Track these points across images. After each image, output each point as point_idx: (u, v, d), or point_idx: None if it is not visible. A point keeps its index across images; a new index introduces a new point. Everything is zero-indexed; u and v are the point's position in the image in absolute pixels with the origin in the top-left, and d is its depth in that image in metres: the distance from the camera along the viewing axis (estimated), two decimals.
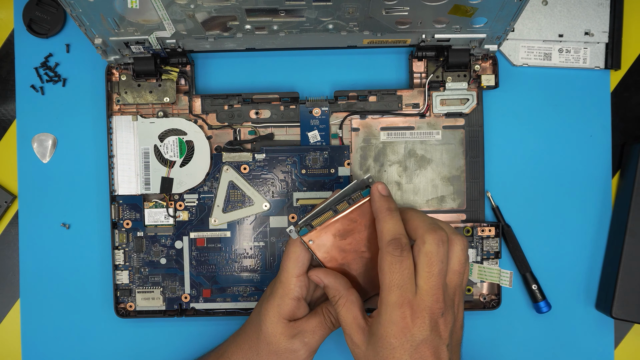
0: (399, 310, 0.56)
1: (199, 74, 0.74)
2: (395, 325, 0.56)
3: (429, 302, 0.56)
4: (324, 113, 0.72)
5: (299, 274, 0.62)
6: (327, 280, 0.61)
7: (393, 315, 0.56)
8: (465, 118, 0.72)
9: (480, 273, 0.67)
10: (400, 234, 0.58)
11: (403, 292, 0.56)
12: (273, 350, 0.63)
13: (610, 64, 0.73)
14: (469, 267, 0.61)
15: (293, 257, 0.62)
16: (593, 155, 0.74)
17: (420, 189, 0.72)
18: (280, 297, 0.62)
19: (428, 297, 0.56)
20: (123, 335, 0.74)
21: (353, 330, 0.59)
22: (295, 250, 0.62)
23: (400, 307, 0.56)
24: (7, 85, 0.74)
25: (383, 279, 0.57)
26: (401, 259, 0.57)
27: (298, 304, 0.63)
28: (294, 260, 0.62)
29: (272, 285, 0.65)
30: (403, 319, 0.56)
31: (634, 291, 0.70)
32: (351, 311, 0.59)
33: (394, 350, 0.56)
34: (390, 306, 0.56)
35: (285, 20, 0.63)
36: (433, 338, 0.56)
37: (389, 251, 0.57)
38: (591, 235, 0.74)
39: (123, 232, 0.72)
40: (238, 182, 0.72)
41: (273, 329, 0.62)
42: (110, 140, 0.72)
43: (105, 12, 0.61)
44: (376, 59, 0.74)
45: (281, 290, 0.62)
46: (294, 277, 0.62)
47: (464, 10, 0.61)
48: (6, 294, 0.75)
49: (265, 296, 0.64)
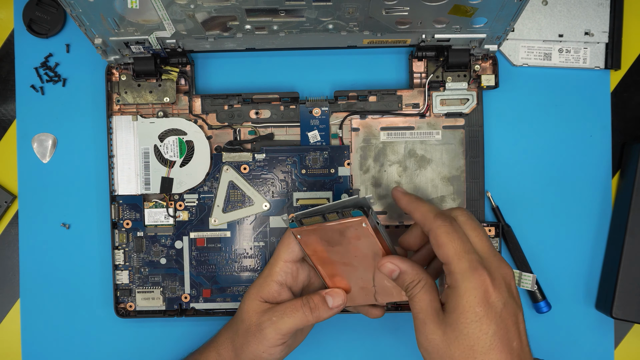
0: (476, 274, 0.53)
1: (199, 74, 0.74)
2: (477, 290, 0.53)
3: (497, 263, 0.55)
4: (324, 113, 0.72)
5: (287, 260, 0.63)
6: (404, 266, 0.58)
7: (472, 281, 0.53)
8: (465, 118, 0.72)
9: None
10: (435, 210, 0.57)
11: (472, 257, 0.54)
12: (245, 327, 0.64)
13: (610, 64, 0.73)
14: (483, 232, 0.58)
15: (286, 242, 0.64)
16: (593, 155, 0.74)
17: (420, 189, 0.72)
18: (263, 278, 0.64)
19: (494, 258, 0.55)
20: (123, 335, 0.74)
21: (429, 315, 0.55)
22: (289, 236, 0.63)
23: (476, 271, 0.53)
24: (7, 85, 0.75)
25: (447, 251, 0.54)
26: (454, 227, 0.55)
27: (280, 289, 0.64)
28: (286, 246, 0.64)
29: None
30: (482, 282, 0.53)
31: (634, 291, 0.70)
32: (429, 294, 0.56)
33: (481, 322, 0.53)
34: (467, 273, 0.53)
35: (285, 20, 0.63)
36: (512, 303, 0.54)
37: (440, 224, 0.55)
38: (591, 235, 0.74)
39: (123, 232, 0.72)
40: (238, 182, 0.72)
41: (248, 306, 0.64)
42: (110, 140, 0.72)
43: (105, 12, 0.61)
44: (376, 59, 0.74)
45: (266, 271, 0.64)
46: (282, 261, 0.63)
47: (464, 10, 0.61)
48: (6, 294, 0.75)
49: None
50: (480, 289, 0.53)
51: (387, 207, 0.72)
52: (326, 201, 0.71)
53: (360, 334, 0.74)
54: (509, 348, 0.53)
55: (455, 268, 0.54)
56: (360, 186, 0.72)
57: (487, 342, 0.53)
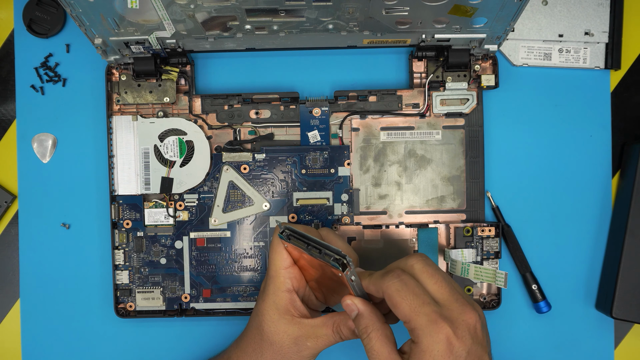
0: (436, 327, 0.52)
1: (199, 74, 0.74)
2: (439, 344, 0.52)
3: (458, 309, 0.53)
4: (324, 113, 0.72)
5: (287, 266, 0.62)
6: (362, 308, 0.57)
7: (433, 335, 0.52)
8: (465, 118, 0.72)
9: (476, 274, 0.67)
10: (391, 267, 0.56)
11: (430, 309, 0.53)
12: (277, 350, 0.61)
13: (610, 64, 0.73)
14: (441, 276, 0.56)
15: (278, 249, 0.62)
16: (593, 155, 0.74)
17: (420, 189, 0.72)
18: (273, 293, 0.62)
19: (455, 305, 0.54)
20: (123, 335, 0.74)
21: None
22: (279, 244, 0.62)
23: (436, 324, 0.52)
24: (7, 85, 0.75)
25: (402, 310, 0.53)
26: (404, 282, 0.54)
27: (292, 297, 0.62)
28: (279, 253, 0.62)
29: (264, 284, 0.64)
30: (444, 335, 0.52)
31: (634, 291, 0.70)
32: (387, 346, 0.55)
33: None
34: (426, 328, 0.52)
35: (285, 20, 0.63)
36: (475, 349, 0.53)
37: (389, 283, 0.54)
38: (591, 235, 0.74)
39: (123, 232, 0.72)
40: (238, 182, 0.72)
41: (275, 327, 0.61)
42: (110, 140, 0.72)
43: (105, 12, 0.61)
44: (376, 59, 0.74)
45: (272, 285, 0.62)
46: (282, 268, 0.62)
47: (464, 11, 0.61)
48: (6, 294, 0.75)
49: (260, 296, 0.64)
50: (442, 343, 0.52)
51: (387, 207, 0.72)
52: (326, 201, 0.71)
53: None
54: None
55: (415, 324, 0.53)
56: (360, 186, 0.72)
57: None
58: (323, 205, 0.71)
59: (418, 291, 0.54)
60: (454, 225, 0.72)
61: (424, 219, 0.72)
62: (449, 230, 0.72)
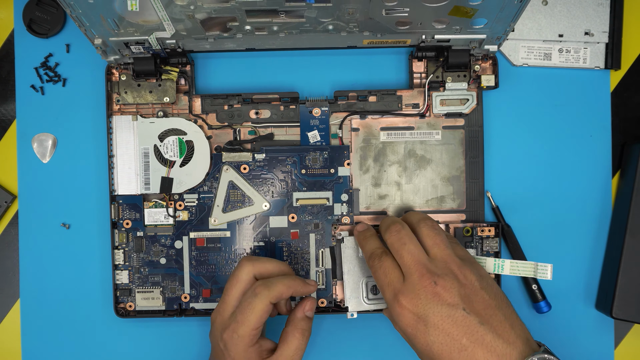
0: (394, 302, 0.59)
1: (198, 74, 0.74)
2: (398, 316, 0.59)
3: (414, 280, 0.58)
4: (324, 113, 0.72)
5: (259, 327, 0.62)
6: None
7: (393, 309, 0.59)
8: (465, 118, 0.72)
9: (512, 268, 0.67)
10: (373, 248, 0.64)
11: (391, 286, 0.60)
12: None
13: (610, 64, 0.73)
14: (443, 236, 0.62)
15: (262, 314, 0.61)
16: (593, 155, 0.74)
17: (420, 189, 0.72)
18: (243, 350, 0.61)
19: (411, 276, 0.59)
20: (123, 335, 0.74)
21: None
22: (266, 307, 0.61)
23: (394, 300, 0.59)
24: (7, 85, 0.75)
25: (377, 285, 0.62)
26: (379, 264, 0.61)
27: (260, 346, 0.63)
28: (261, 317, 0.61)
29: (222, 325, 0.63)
30: (400, 306, 0.59)
31: (634, 291, 0.70)
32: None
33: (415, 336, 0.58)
34: (389, 303, 0.60)
35: (285, 21, 0.63)
36: (440, 309, 0.57)
37: (370, 265, 0.63)
38: (591, 235, 0.74)
39: (123, 232, 0.72)
40: (238, 182, 0.72)
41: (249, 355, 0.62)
42: (110, 140, 0.72)
43: (105, 12, 0.61)
44: (376, 59, 0.74)
45: (241, 344, 0.61)
46: (255, 329, 0.61)
47: (464, 11, 0.61)
48: (6, 294, 0.75)
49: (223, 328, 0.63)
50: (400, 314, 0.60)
51: (387, 207, 0.72)
52: (326, 201, 0.71)
53: (365, 333, 0.74)
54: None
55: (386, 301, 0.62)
56: (360, 186, 0.72)
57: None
58: (323, 206, 0.71)
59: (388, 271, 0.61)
60: (453, 226, 0.72)
61: None
62: (448, 230, 0.72)
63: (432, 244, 0.61)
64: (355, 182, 0.72)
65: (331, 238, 0.71)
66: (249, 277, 0.63)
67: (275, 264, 0.64)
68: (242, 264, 0.63)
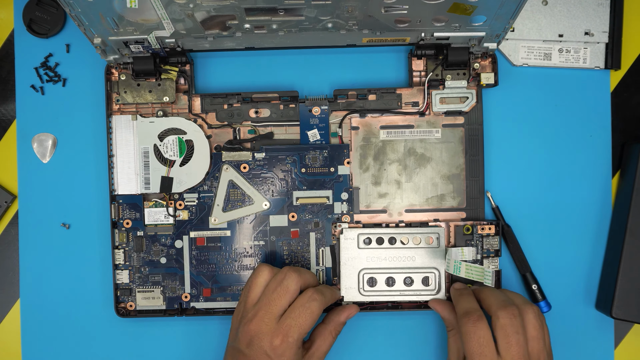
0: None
1: (198, 73, 0.74)
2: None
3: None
4: (324, 112, 0.72)
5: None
6: (444, 313, 0.70)
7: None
8: (464, 116, 0.72)
9: (467, 272, 0.68)
10: (471, 309, 0.64)
11: (485, 358, 0.61)
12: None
13: (610, 64, 0.73)
14: (546, 331, 0.65)
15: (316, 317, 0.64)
16: (593, 155, 0.74)
17: (420, 188, 0.72)
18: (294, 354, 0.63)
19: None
20: (123, 335, 0.74)
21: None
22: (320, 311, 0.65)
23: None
24: (7, 85, 0.75)
25: (465, 348, 0.63)
26: (475, 328, 0.62)
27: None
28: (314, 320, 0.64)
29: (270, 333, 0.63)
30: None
31: (634, 291, 0.70)
32: (457, 343, 0.68)
33: None
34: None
35: (284, 19, 0.63)
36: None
37: (463, 323, 0.63)
38: (591, 235, 0.74)
39: (123, 231, 0.72)
40: (238, 181, 0.72)
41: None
42: (110, 139, 0.72)
43: (105, 11, 0.61)
44: (375, 57, 0.74)
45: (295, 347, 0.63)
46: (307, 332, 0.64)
47: (463, 9, 0.61)
48: (6, 294, 0.75)
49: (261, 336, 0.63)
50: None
51: (387, 206, 0.72)
52: (326, 200, 0.71)
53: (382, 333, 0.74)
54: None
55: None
56: (360, 184, 0.72)
57: None
58: (323, 204, 0.71)
59: (484, 342, 0.62)
60: (453, 224, 0.72)
61: (424, 218, 0.72)
62: (449, 228, 0.72)
63: (532, 337, 0.63)
64: (355, 181, 0.72)
65: (331, 237, 0.71)
66: (297, 287, 0.64)
67: (313, 276, 0.67)
68: (290, 275, 0.64)
